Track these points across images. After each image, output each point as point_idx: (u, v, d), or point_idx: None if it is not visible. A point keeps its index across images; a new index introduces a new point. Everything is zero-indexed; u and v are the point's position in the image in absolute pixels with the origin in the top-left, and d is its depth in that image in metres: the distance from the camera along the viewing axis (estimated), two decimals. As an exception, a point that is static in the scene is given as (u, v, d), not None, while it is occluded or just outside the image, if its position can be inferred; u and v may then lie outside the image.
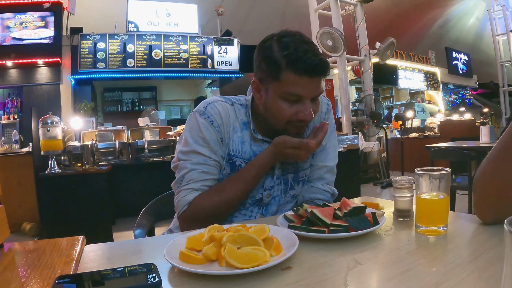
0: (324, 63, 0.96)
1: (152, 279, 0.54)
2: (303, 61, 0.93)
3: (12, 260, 0.73)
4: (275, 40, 0.98)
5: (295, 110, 0.98)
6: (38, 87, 5.99)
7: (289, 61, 0.94)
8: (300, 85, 0.95)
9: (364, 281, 0.57)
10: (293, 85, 0.95)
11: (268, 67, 0.97)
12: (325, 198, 1.17)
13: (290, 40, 0.96)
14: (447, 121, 8.99)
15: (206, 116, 1.04)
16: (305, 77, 0.94)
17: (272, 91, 0.99)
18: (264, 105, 1.04)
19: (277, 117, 1.01)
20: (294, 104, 0.98)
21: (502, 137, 0.76)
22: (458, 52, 12.54)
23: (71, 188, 3.49)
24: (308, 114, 0.98)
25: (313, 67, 0.93)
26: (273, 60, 0.96)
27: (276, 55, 0.96)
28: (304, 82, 0.95)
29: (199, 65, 7.01)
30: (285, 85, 0.96)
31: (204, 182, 1.02)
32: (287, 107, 0.98)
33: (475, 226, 0.80)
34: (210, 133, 1.03)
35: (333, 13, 6.95)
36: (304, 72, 0.94)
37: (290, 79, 0.95)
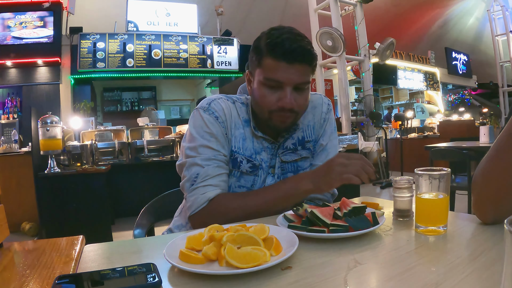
0: (303, 49, 0.96)
1: (152, 279, 0.54)
2: (281, 46, 0.94)
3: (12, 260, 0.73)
4: (265, 33, 1.01)
5: (276, 98, 0.98)
6: (38, 87, 5.99)
7: (269, 47, 0.96)
8: (278, 71, 0.96)
9: (364, 281, 0.57)
10: (271, 70, 0.96)
11: (254, 56, 1.01)
12: (325, 198, 1.17)
13: (277, 31, 0.98)
14: (447, 121, 9.00)
15: (211, 112, 1.04)
16: (283, 62, 0.95)
17: (256, 78, 1.01)
18: (251, 95, 1.06)
19: (260, 105, 1.02)
20: (276, 91, 0.99)
21: (499, 137, 0.76)
22: (457, 52, 12.55)
23: (70, 188, 3.49)
24: (288, 102, 0.97)
25: (290, 52, 0.94)
26: (258, 49, 0.99)
27: (261, 43, 0.99)
28: (283, 67, 0.95)
29: (199, 65, 7.01)
30: (265, 70, 0.97)
31: (221, 177, 1.01)
32: (268, 93, 0.99)
33: (475, 226, 0.80)
34: (216, 128, 1.03)
35: (332, 13, 6.95)
36: (282, 57, 0.94)
37: (269, 64, 0.97)
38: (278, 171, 1.11)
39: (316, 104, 1.19)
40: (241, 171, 1.07)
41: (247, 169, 1.07)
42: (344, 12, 7.51)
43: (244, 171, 1.07)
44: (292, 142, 1.13)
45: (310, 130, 1.17)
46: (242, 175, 1.07)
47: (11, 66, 5.83)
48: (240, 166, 1.06)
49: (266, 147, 1.10)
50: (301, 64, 0.96)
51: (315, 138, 1.18)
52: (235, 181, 1.08)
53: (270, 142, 1.10)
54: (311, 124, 1.17)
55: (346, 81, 7.09)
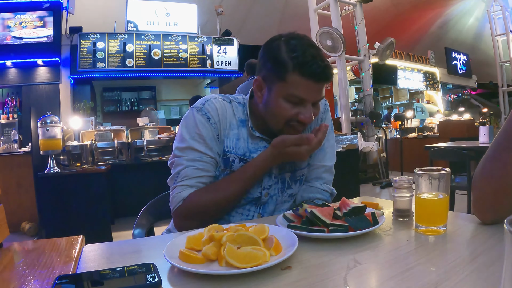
0: (329, 70, 0.97)
1: (151, 279, 0.54)
2: (310, 65, 0.94)
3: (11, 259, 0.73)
4: (283, 41, 0.98)
5: (296, 112, 0.99)
6: (38, 87, 5.99)
7: (296, 64, 0.94)
8: (304, 89, 0.96)
9: (364, 281, 0.57)
10: (298, 87, 0.96)
11: (274, 67, 0.98)
12: (324, 197, 1.18)
13: (298, 43, 0.97)
14: (446, 121, 9.00)
15: (204, 113, 1.04)
16: (311, 81, 0.95)
17: (276, 91, 0.99)
18: (265, 104, 1.04)
19: (277, 116, 1.01)
20: (296, 106, 0.99)
21: (497, 136, 0.76)
22: (457, 52, 12.55)
23: (70, 188, 3.49)
24: (309, 117, 0.99)
25: (319, 73, 0.95)
26: (280, 61, 0.96)
27: (284, 56, 0.96)
28: (309, 86, 0.96)
29: (199, 65, 7.01)
30: (290, 86, 0.96)
31: (199, 179, 1.03)
32: (288, 108, 0.99)
33: (475, 226, 0.80)
34: (207, 130, 1.03)
35: (332, 13, 6.95)
36: (310, 77, 0.95)
37: (296, 81, 0.95)
38: (275, 170, 1.11)
39: None
40: (233, 170, 1.07)
41: (239, 167, 1.07)
42: (344, 12, 7.50)
43: (236, 169, 1.07)
44: None
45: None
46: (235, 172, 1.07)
47: (11, 66, 5.83)
48: (232, 165, 1.06)
49: (263, 147, 1.10)
50: (323, 83, 0.98)
51: None
52: None
53: (267, 142, 1.10)
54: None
55: (346, 81, 7.09)
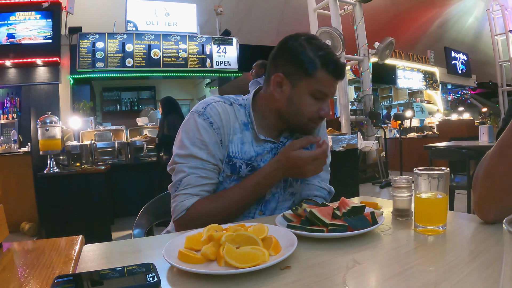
0: (344, 69, 1.07)
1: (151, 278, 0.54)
2: (334, 63, 1.01)
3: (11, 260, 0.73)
4: (305, 41, 1.03)
5: (318, 107, 1.04)
6: (37, 87, 5.98)
7: (324, 62, 1.00)
8: (329, 85, 1.03)
9: (363, 281, 0.57)
10: (325, 84, 1.02)
11: (301, 64, 1.01)
12: (322, 194, 1.19)
13: (319, 43, 1.04)
14: (446, 121, 9.00)
15: (206, 117, 1.02)
16: (334, 78, 1.03)
17: (303, 86, 1.03)
18: (288, 100, 1.05)
19: (302, 112, 1.04)
20: (318, 102, 1.04)
21: (503, 134, 0.75)
22: (457, 52, 12.56)
23: (70, 188, 3.48)
24: (328, 112, 1.06)
25: (341, 71, 1.03)
26: (307, 58, 1.01)
27: (310, 54, 1.01)
28: (333, 82, 1.04)
29: (198, 65, 7.01)
30: (318, 83, 1.01)
31: (202, 187, 1.01)
32: (313, 103, 1.04)
33: (474, 226, 0.80)
34: (209, 136, 1.01)
35: (332, 12, 6.95)
36: (334, 74, 1.02)
37: (323, 78, 1.01)
38: None
39: None
40: (241, 175, 1.06)
41: (247, 172, 1.06)
42: (344, 11, 7.50)
43: (243, 176, 1.06)
44: None
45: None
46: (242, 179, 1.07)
47: (10, 66, 5.82)
48: (240, 170, 1.06)
49: (268, 149, 1.10)
50: (340, 81, 1.06)
51: None
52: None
53: (272, 143, 1.10)
54: None
55: (345, 80, 7.09)
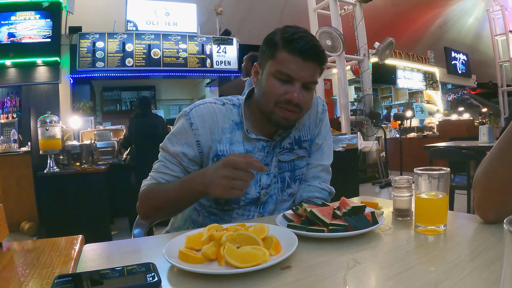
0: (318, 49, 0.99)
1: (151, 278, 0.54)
2: (297, 42, 0.96)
3: (11, 259, 0.73)
4: (280, 29, 1.03)
5: (284, 90, 0.99)
6: (37, 87, 5.98)
7: (285, 41, 0.98)
8: (292, 65, 0.97)
9: (363, 281, 0.57)
10: (285, 64, 0.98)
11: (267, 48, 1.02)
12: (323, 196, 1.18)
13: (293, 29, 1.01)
14: (446, 121, 9.00)
15: (188, 118, 1.06)
16: (298, 58, 0.97)
17: (267, 70, 1.02)
18: (258, 86, 1.07)
19: (267, 95, 1.02)
20: (285, 85, 1.00)
21: (503, 136, 0.76)
22: (457, 52, 12.56)
23: (69, 187, 3.48)
24: (296, 97, 0.98)
25: (306, 50, 0.96)
26: (272, 42, 1.01)
27: (276, 37, 1.00)
28: (297, 63, 0.97)
29: (198, 65, 7.00)
30: (279, 63, 0.99)
31: (162, 175, 1.07)
32: (277, 85, 1.00)
33: (474, 226, 0.80)
34: (185, 135, 1.06)
35: (332, 12, 6.95)
36: (298, 53, 0.97)
37: (284, 58, 0.98)
38: (274, 170, 1.11)
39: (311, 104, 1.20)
40: None
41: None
42: (344, 11, 7.50)
43: None
44: (289, 142, 1.14)
45: (306, 130, 1.18)
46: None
47: (10, 65, 5.82)
48: None
49: (260, 147, 1.10)
50: (314, 63, 0.99)
51: (311, 138, 1.19)
52: None
53: (264, 141, 1.10)
54: (307, 124, 1.18)
55: (345, 80, 7.09)
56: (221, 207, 1.09)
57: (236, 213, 1.09)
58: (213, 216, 1.11)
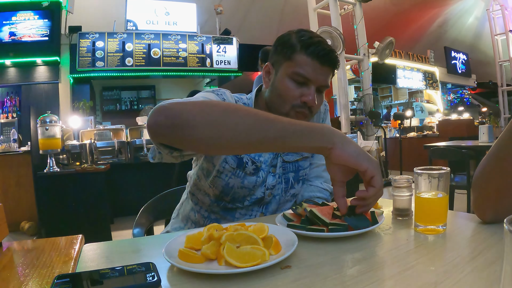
0: (334, 55, 1.01)
1: (151, 278, 0.54)
2: (316, 46, 0.99)
3: (11, 259, 0.73)
4: (294, 31, 1.04)
5: (300, 93, 1.00)
6: (37, 86, 5.98)
7: (303, 44, 0.99)
8: (309, 68, 0.99)
9: (363, 280, 0.57)
10: (303, 66, 0.99)
11: (283, 50, 1.02)
12: (324, 196, 1.18)
13: (308, 32, 1.03)
14: (446, 120, 9.00)
15: (219, 94, 1.02)
16: (316, 62, 0.99)
17: (283, 71, 1.02)
18: (271, 86, 1.06)
19: (283, 97, 1.02)
20: (300, 87, 1.01)
21: (501, 136, 0.76)
22: (457, 51, 12.55)
23: (69, 187, 3.48)
24: (312, 99, 1.00)
25: (324, 54, 0.99)
26: (289, 44, 1.02)
27: (293, 40, 1.02)
28: (314, 66, 0.99)
29: (198, 64, 7.00)
30: (296, 65, 0.99)
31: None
32: (293, 87, 1.01)
33: (474, 225, 0.80)
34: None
35: (332, 12, 6.94)
36: (316, 57, 0.99)
37: (302, 60, 0.99)
38: (279, 170, 1.11)
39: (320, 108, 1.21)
40: (245, 172, 1.06)
41: (251, 170, 1.07)
42: (344, 11, 7.50)
43: (248, 172, 1.06)
44: None
45: None
46: (246, 176, 1.07)
47: (10, 65, 5.82)
48: (246, 167, 1.06)
49: None
50: (329, 68, 1.01)
51: None
52: (239, 182, 1.06)
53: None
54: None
55: (345, 80, 7.09)
56: (224, 204, 1.09)
57: (239, 212, 1.09)
58: (215, 215, 1.11)
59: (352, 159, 0.70)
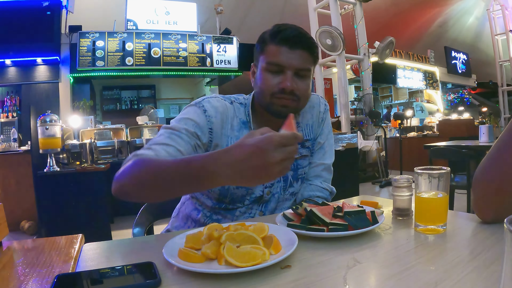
0: (304, 36, 1.00)
1: (151, 277, 0.54)
2: (283, 33, 1.00)
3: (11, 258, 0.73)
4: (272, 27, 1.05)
5: (278, 81, 1.01)
6: (37, 86, 5.98)
7: (271, 34, 1.02)
8: (280, 55, 1.00)
9: (363, 280, 0.57)
10: (273, 55, 1.00)
11: (258, 46, 1.05)
12: (324, 195, 1.18)
13: (282, 24, 1.03)
14: (446, 120, 9.00)
15: (201, 106, 1.03)
16: (285, 47, 0.99)
17: (259, 65, 1.05)
18: (254, 84, 1.08)
19: (263, 89, 1.03)
20: (278, 75, 1.01)
21: (500, 136, 0.76)
22: (457, 51, 12.55)
23: (69, 186, 3.48)
24: (288, 84, 0.99)
25: (292, 37, 0.99)
26: (262, 39, 1.05)
27: (265, 35, 1.04)
28: (284, 52, 0.99)
29: (198, 64, 7.00)
30: (268, 56, 1.01)
31: (166, 147, 0.92)
32: (270, 78, 1.01)
33: (474, 225, 0.80)
34: (199, 118, 1.00)
35: (332, 12, 6.94)
36: (284, 42, 0.99)
37: (272, 49, 1.01)
38: None
39: (313, 104, 1.21)
40: None
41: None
42: (344, 11, 7.50)
43: None
44: None
45: (308, 130, 1.19)
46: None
47: (10, 64, 5.82)
48: None
49: None
50: (302, 50, 1.00)
51: (313, 137, 1.20)
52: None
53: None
54: (309, 124, 1.19)
55: (345, 80, 7.09)
56: (225, 206, 1.09)
57: (238, 211, 1.10)
58: (215, 215, 1.11)
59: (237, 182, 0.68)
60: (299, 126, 1.16)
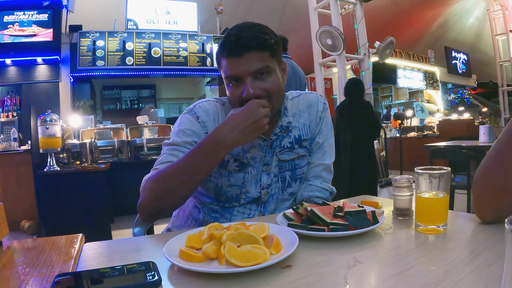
0: (245, 38, 0.96)
1: (151, 277, 0.54)
2: (226, 44, 0.98)
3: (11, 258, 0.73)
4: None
5: (240, 91, 1.00)
6: (37, 85, 5.97)
7: (218, 50, 1.03)
8: (231, 67, 0.99)
9: (364, 280, 0.57)
10: (226, 69, 1.00)
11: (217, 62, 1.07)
12: (324, 196, 1.18)
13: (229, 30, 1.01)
14: (446, 120, 9.00)
15: (193, 113, 1.08)
16: (232, 58, 0.98)
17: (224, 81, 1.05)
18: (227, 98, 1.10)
19: (232, 102, 1.05)
20: (239, 85, 1.00)
21: (500, 137, 0.76)
22: (457, 51, 12.55)
23: (70, 186, 3.48)
24: (251, 92, 0.97)
25: (234, 45, 0.96)
26: (216, 54, 1.06)
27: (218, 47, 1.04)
28: (234, 62, 0.98)
29: (198, 64, 6.99)
30: (224, 71, 1.02)
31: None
32: (233, 90, 1.02)
33: (475, 225, 0.80)
34: (194, 126, 1.06)
35: (332, 12, 6.93)
36: (229, 53, 0.98)
37: (223, 64, 1.01)
38: (275, 169, 1.11)
39: (312, 103, 1.19)
40: (228, 169, 1.08)
41: (234, 167, 1.08)
42: (344, 11, 7.49)
43: (231, 169, 1.08)
44: (289, 141, 1.13)
45: (306, 129, 1.17)
46: (231, 174, 1.08)
47: (10, 64, 5.82)
48: (227, 164, 1.07)
49: (257, 144, 1.10)
50: (249, 53, 0.97)
51: (311, 137, 1.18)
52: (225, 180, 1.08)
53: (261, 140, 1.10)
54: (307, 123, 1.17)
55: (345, 80, 7.07)
56: (222, 204, 1.10)
57: (236, 210, 1.10)
58: (214, 214, 1.11)
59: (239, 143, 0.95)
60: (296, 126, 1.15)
